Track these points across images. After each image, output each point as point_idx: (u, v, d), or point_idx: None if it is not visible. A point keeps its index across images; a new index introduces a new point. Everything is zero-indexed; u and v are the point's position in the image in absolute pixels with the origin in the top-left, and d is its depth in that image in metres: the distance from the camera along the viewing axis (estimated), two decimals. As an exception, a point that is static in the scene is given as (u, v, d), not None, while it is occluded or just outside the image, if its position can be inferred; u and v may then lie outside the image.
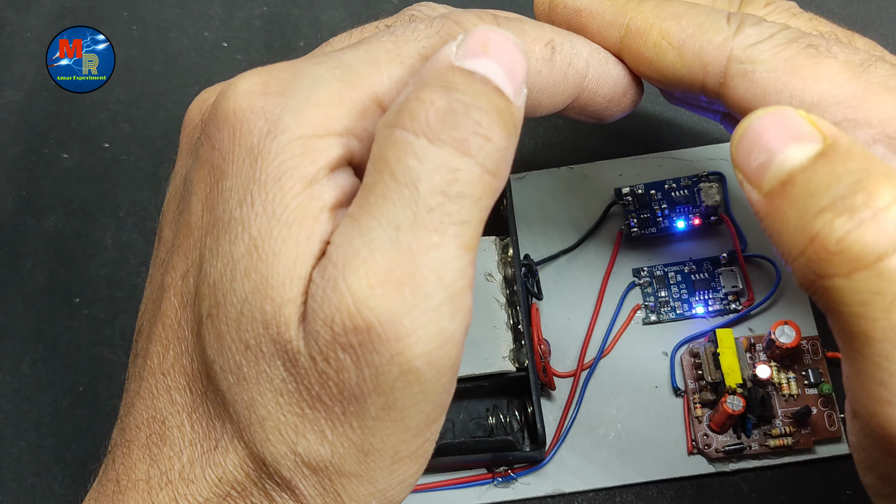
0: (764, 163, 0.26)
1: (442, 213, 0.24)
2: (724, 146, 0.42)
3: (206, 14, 0.48)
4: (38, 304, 0.43)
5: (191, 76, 0.47)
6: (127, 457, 0.27)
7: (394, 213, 0.23)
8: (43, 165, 0.46)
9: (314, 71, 0.26)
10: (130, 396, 0.28)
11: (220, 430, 0.26)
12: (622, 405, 0.39)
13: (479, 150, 0.24)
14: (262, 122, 0.25)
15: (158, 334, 0.27)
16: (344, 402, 0.24)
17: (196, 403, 0.26)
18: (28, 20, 0.49)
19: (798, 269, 0.26)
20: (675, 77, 0.31)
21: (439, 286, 0.24)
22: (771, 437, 0.37)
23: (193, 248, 0.26)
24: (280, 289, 0.24)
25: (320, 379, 0.24)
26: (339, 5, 0.48)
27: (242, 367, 0.25)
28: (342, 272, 0.23)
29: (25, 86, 0.47)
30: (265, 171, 0.25)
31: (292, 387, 0.24)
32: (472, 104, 0.24)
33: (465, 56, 0.25)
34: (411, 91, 0.24)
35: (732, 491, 0.38)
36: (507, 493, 0.38)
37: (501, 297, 0.38)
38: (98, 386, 0.41)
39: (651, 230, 0.41)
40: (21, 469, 0.40)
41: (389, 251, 0.23)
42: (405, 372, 0.24)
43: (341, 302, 0.23)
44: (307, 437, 0.25)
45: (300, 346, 0.24)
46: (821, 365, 0.38)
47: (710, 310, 0.40)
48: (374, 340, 0.23)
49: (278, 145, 0.25)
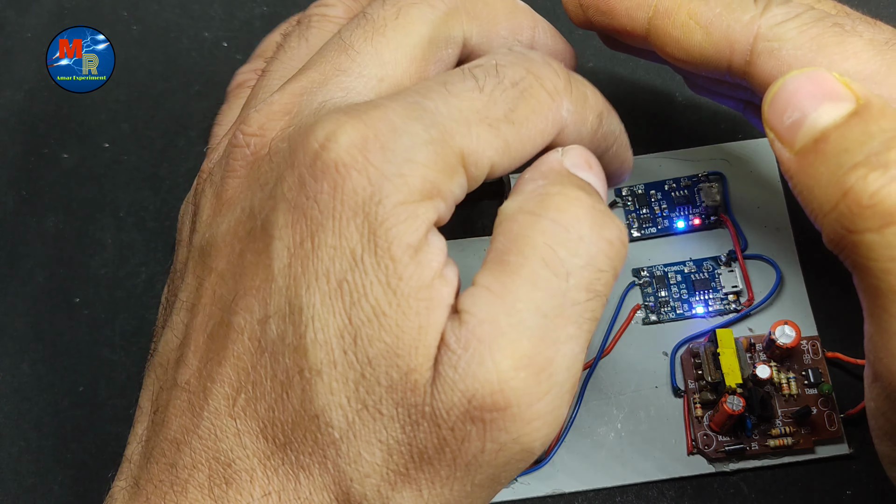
0: (797, 121, 0.26)
1: (584, 308, 0.25)
2: (725, 146, 0.42)
3: (206, 14, 0.48)
4: (38, 304, 0.43)
5: (191, 76, 0.47)
6: (182, 496, 0.26)
7: (543, 301, 0.25)
8: (43, 165, 0.46)
9: (412, 129, 0.25)
10: (178, 432, 0.27)
11: (306, 481, 0.26)
12: (622, 405, 0.39)
13: (617, 255, 0.26)
14: (367, 182, 0.25)
15: (227, 376, 0.26)
16: (454, 467, 0.25)
17: (272, 452, 0.26)
18: (28, 20, 0.49)
19: (828, 224, 0.26)
20: (701, 57, 0.31)
21: (568, 375, 0.25)
22: (771, 437, 0.37)
23: (277, 296, 0.26)
24: (407, 357, 0.25)
25: (438, 444, 0.25)
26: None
27: (355, 424, 0.25)
28: (489, 349, 0.24)
29: (25, 86, 0.47)
30: (374, 237, 0.25)
31: (405, 448, 0.25)
32: (606, 211, 0.26)
33: (576, 168, 0.28)
34: (543, 185, 0.27)
35: (732, 491, 0.38)
36: (507, 493, 0.38)
37: (501, 297, 0.38)
38: (98, 386, 0.41)
39: (651, 230, 0.41)
40: (21, 469, 0.40)
41: (535, 336, 0.25)
42: (524, 451, 0.25)
43: (486, 378, 0.24)
44: (403, 493, 0.25)
45: (426, 411, 0.25)
46: (821, 365, 0.38)
47: (710, 310, 0.40)
48: (507, 419, 0.24)
49: (384, 211, 0.25)
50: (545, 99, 0.27)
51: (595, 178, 0.28)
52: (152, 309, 0.42)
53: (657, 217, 0.41)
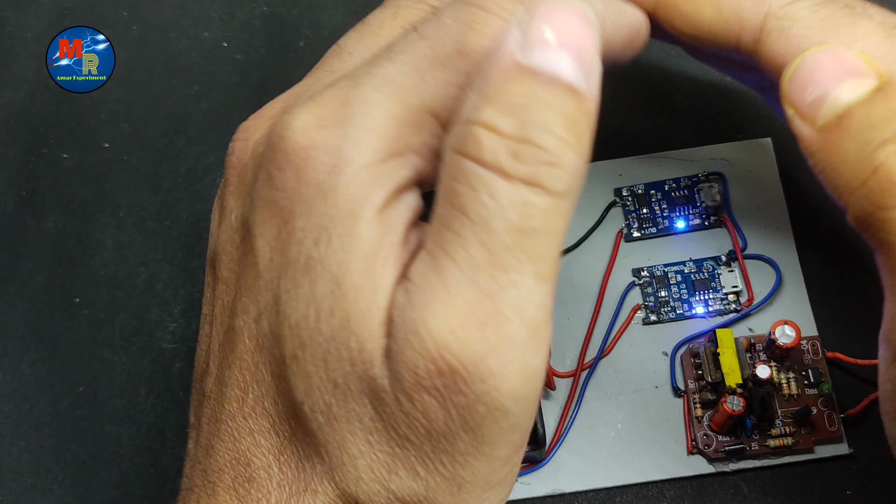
0: (819, 97, 0.26)
1: (517, 250, 0.23)
2: (724, 146, 0.42)
3: (206, 14, 0.48)
4: (38, 304, 0.43)
5: (191, 76, 0.47)
6: (213, 497, 0.27)
7: (470, 253, 0.23)
8: (43, 165, 0.46)
9: (362, 94, 0.25)
10: (207, 439, 0.28)
11: (310, 471, 0.25)
12: (622, 405, 0.39)
13: (550, 179, 0.23)
14: (326, 157, 0.25)
15: (235, 378, 0.27)
16: (432, 441, 0.24)
17: (283, 446, 0.26)
18: (28, 20, 0.49)
19: (856, 201, 0.26)
20: (710, 32, 0.31)
21: (521, 324, 0.23)
22: (771, 437, 0.37)
23: (264, 291, 0.26)
24: (361, 323, 0.24)
25: (407, 420, 0.24)
26: (339, 5, 0.48)
27: (332, 406, 0.25)
28: (422, 315, 0.23)
29: (25, 86, 0.47)
30: (337, 206, 0.24)
31: (381, 426, 0.24)
32: (540, 126, 0.23)
33: (531, 48, 0.23)
34: (475, 106, 0.23)
35: (732, 491, 0.38)
36: (507, 493, 0.38)
37: (501, 297, 0.38)
38: (98, 386, 0.41)
39: (651, 230, 0.41)
40: (21, 469, 0.40)
41: (468, 292, 0.23)
42: (492, 410, 0.24)
43: (423, 347, 0.23)
44: (399, 474, 0.25)
45: (385, 386, 0.24)
46: (821, 365, 0.38)
47: (710, 310, 0.40)
48: (459, 383, 0.23)
49: (346, 178, 0.24)
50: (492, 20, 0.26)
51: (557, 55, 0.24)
52: (152, 309, 0.42)
53: (657, 217, 0.41)
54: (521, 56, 0.23)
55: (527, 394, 0.24)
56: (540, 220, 0.23)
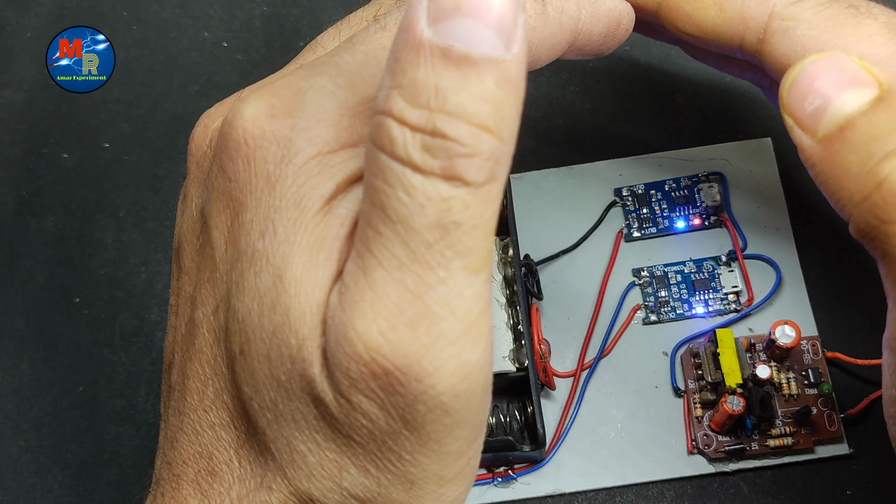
0: (819, 107, 0.26)
1: (442, 246, 0.22)
2: (724, 146, 0.42)
3: (206, 14, 0.48)
4: (38, 304, 0.43)
5: (191, 76, 0.47)
6: (177, 491, 0.26)
7: (393, 252, 0.22)
8: (43, 165, 0.46)
9: (316, 83, 0.25)
10: (172, 431, 0.27)
11: (264, 466, 0.25)
12: (622, 405, 0.39)
13: (468, 170, 0.21)
14: (275, 147, 0.24)
15: (195, 371, 0.26)
16: (377, 441, 0.24)
17: (242, 440, 0.26)
18: (28, 20, 0.49)
19: (859, 214, 0.26)
20: (714, 33, 0.31)
21: (454, 320, 0.22)
22: (771, 437, 0.37)
23: (220, 283, 0.26)
24: (301, 320, 0.23)
25: (348, 420, 0.23)
26: (339, 5, 0.48)
27: (278, 404, 0.24)
28: (350, 318, 0.22)
29: (25, 86, 0.47)
30: (284, 197, 0.24)
31: (325, 425, 0.24)
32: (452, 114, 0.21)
33: (438, 20, 0.21)
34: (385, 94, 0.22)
35: (732, 491, 0.38)
36: (507, 493, 0.38)
37: (501, 297, 0.38)
38: (98, 386, 0.41)
39: (651, 230, 0.41)
40: (21, 469, 0.40)
41: (395, 292, 0.22)
42: (432, 409, 0.23)
43: (353, 351, 0.22)
44: (350, 471, 0.24)
45: (325, 387, 0.23)
46: (821, 365, 0.38)
47: (710, 310, 0.40)
48: (395, 384, 0.23)
49: (294, 169, 0.24)
50: None
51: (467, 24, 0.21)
52: (152, 309, 0.42)
53: (657, 217, 0.41)
54: (428, 30, 0.21)
55: (467, 389, 0.23)
56: (462, 214, 0.22)
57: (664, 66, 0.45)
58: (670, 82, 0.44)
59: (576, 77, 0.45)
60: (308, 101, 0.25)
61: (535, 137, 0.44)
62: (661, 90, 0.44)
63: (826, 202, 0.41)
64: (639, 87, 0.45)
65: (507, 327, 0.38)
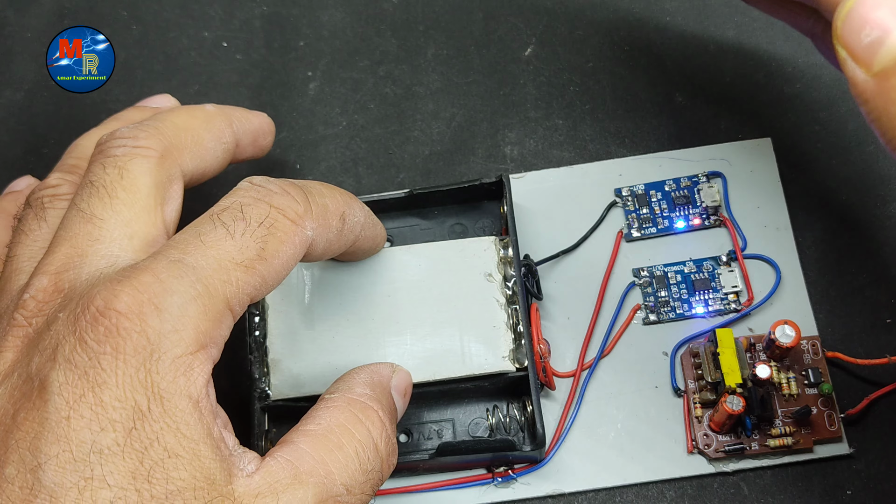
0: (876, 39, 0.25)
1: (364, 492, 0.30)
2: (724, 146, 0.42)
3: (206, 14, 0.48)
4: (38, 304, 0.43)
5: (191, 76, 0.47)
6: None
7: (351, 476, 0.30)
8: (43, 165, 0.46)
9: (180, 287, 0.27)
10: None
11: None
12: (622, 405, 0.39)
13: (385, 472, 0.32)
14: (146, 342, 0.27)
15: None
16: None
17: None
18: (28, 20, 0.49)
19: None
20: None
21: None
22: (771, 437, 0.37)
23: (54, 444, 0.26)
24: (208, 490, 0.26)
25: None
26: (339, 5, 0.48)
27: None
28: None
29: (25, 86, 0.47)
30: (158, 390, 0.26)
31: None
32: (392, 435, 0.32)
33: (396, 390, 0.34)
34: (370, 395, 0.32)
35: (732, 491, 0.38)
36: (507, 493, 0.38)
37: (501, 297, 0.38)
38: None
39: (651, 230, 0.41)
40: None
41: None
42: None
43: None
44: None
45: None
46: (821, 365, 0.38)
47: (710, 310, 0.40)
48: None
49: (163, 366, 0.27)
50: (290, 228, 0.30)
51: (402, 404, 0.34)
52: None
53: (657, 217, 0.41)
54: (394, 385, 0.35)
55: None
56: (372, 489, 0.31)
57: (664, 65, 0.45)
58: (670, 82, 0.44)
59: (576, 77, 0.45)
60: (174, 303, 0.27)
61: (535, 138, 0.44)
62: (661, 90, 0.44)
63: (826, 202, 0.41)
64: (639, 88, 0.45)
65: (507, 327, 0.38)
